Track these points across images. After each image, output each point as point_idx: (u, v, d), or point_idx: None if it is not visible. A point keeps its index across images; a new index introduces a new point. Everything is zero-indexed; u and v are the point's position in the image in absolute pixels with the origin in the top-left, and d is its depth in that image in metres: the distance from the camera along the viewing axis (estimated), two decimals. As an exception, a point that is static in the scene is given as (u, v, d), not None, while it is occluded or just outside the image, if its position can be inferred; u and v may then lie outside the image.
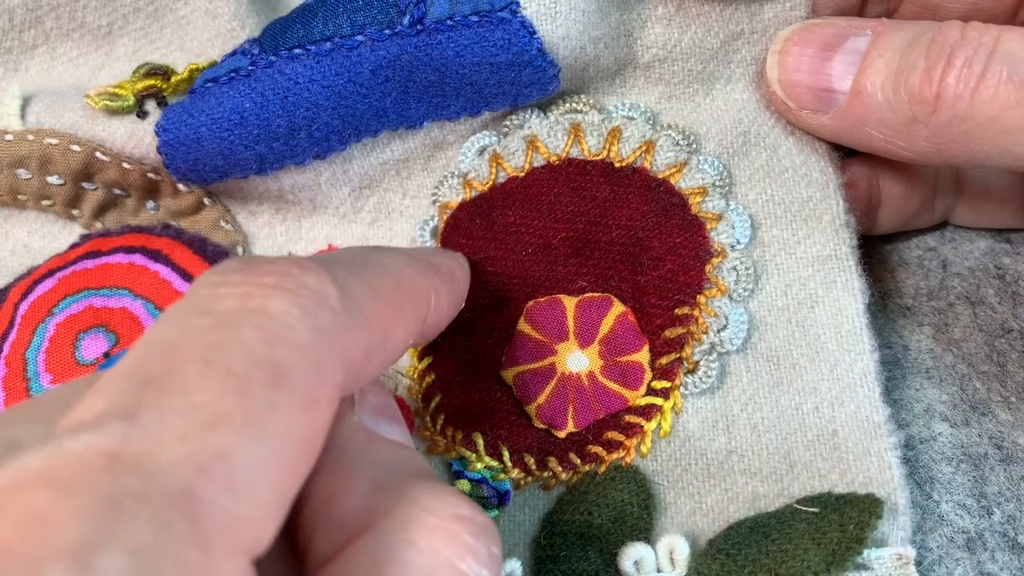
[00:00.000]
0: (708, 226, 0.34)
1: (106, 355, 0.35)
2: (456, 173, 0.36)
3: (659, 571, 0.31)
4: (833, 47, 0.33)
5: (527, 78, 0.33)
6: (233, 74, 0.35)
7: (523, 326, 0.35)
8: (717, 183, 0.35)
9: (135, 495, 0.17)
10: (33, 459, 0.18)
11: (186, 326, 0.21)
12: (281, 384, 0.20)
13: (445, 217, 0.36)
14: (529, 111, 0.36)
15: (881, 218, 0.38)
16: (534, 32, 0.33)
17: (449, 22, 0.33)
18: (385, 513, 0.22)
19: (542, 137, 0.35)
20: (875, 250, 0.38)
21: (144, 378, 0.19)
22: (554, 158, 0.35)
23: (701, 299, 0.34)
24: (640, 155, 0.35)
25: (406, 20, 0.33)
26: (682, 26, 0.35)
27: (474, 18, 0.33)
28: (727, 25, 0.35)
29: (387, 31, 0.33)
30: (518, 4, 0.33)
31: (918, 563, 0.31)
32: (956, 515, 0.32)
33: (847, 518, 0.30)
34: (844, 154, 0.36)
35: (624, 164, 0.35)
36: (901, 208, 0.38)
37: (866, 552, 0.30)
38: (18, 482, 0.17)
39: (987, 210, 0.38)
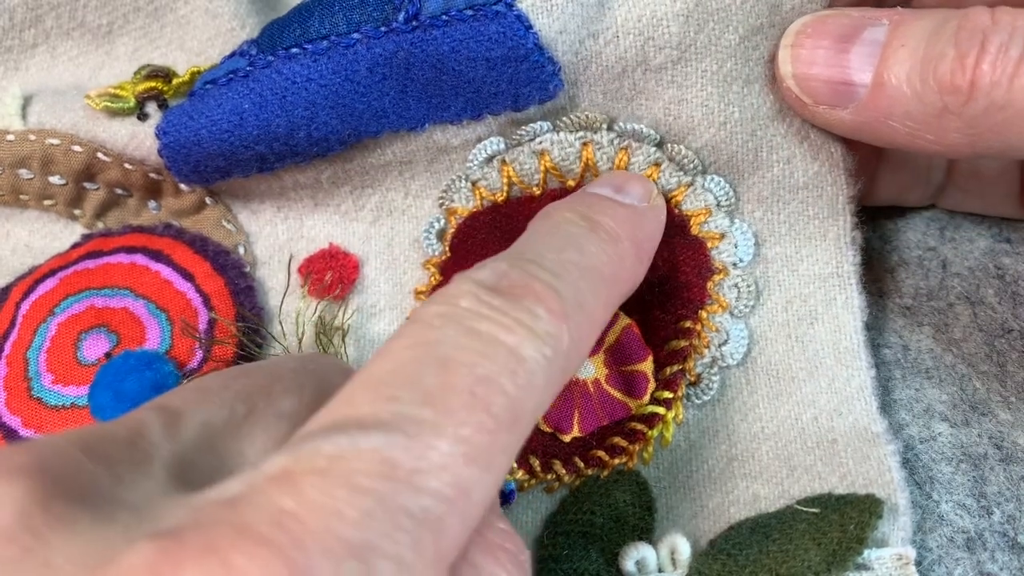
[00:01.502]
0: (710, 245, 0.34)
1: (107, 355, 0.35)
2: (465, 178, 0.36)
3: (660, 571, 0.31)
4: (850, 38, 0.31)
5: (525, 75, 0.33)
6: (231, 75, 0.35)
7: None
8: (722, 203, 0.34)
9: (407, 512, 0.19)
10: (328, 447, 0.19)
11: (457, 344, 0.22)
12: (516, 429, 0.22)
13: (454, 221, 0.36)
14: (539, 124, 0.34)
15: (878, 187, 0.38)
16: (530, 26, 0.32)
17: (444, 17, 0.33)
18: None
19: (553, 154, 0.34)
20: (875, 250, 0.38)
21: (423, 393, 0.21)
22: (571, 182, 0.34)
23: (703, 314, 0.34)
24: None
25: (401, 16, 0.33)
26: (699, 23, 0.33)
27: (469, 12, 0.33)
28: (747, 19, 0.33)
29: (383, 28, 0.33)
30: None
31: (918, 563, 0.31)
32: (956, 515, 0.32)
33: (847, 518, 0.30)
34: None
35: None
36: (897, 177, 0.38)
37: (866, 552, 0.30)
38: (316, 467, 0.19)
39: (976, 192, 0.38)
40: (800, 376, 0.34)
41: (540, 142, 0.34)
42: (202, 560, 0.17)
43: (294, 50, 0.34)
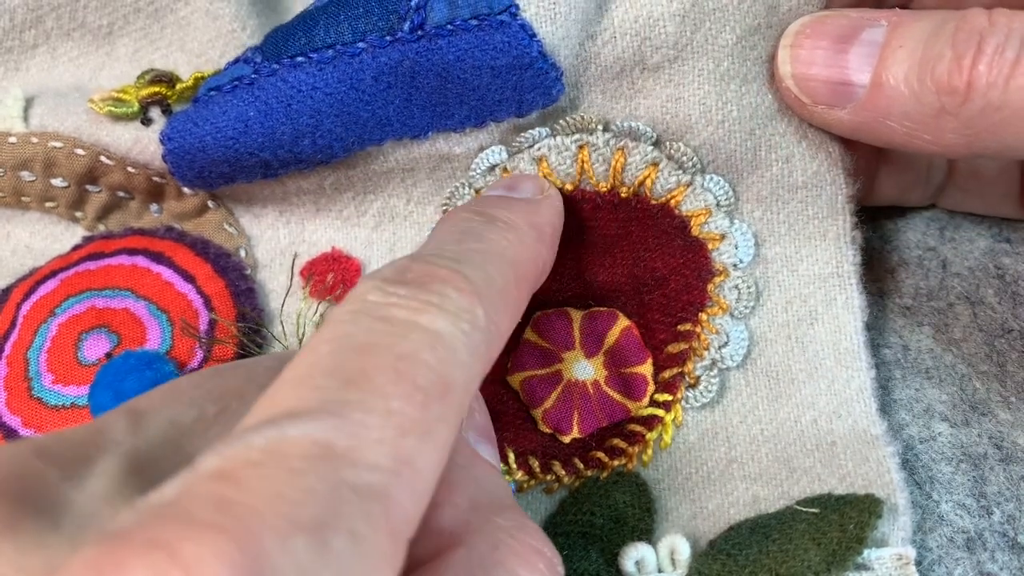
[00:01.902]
0: (710, 246, 0.34)
1: (108, 355, 0.35)
2: (468, 185, 0.36)
3: (660, 571, 0.31)
4: (848, 39, 0.32)
5: (529, 82, 0.33)
6: (236, 82, 0.35)
7: (530, 335, 0.35)
8: (721, 203, 0.34)
9: (350, 486, 0.19)
10: (259, 439, 0.19)
11: (369, 332, 0.23)
12: (448, 399, 0.22)
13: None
14: (538, 130, 0.35)
15: (878, 187, 0.38)
16: (534, 35, 0.32)
17: (449, 27, 0.33)
18: (478, 531, 0.24)
19: (551, 159, 0.34)
20: (875, 250, 0.38)
21: (344, 378, 0.21)
22: (569, 186, 0.34)
23: (703, 316, 0.34)
24: (642, 183, 0.34)
25: (406, 26, 0.33)
26: (696, 23, 0.33)
27: (474, 22, 0.33)
28: (744, 19, 0.33)
29: (388, 37, 0.33)
30: (517, 7, 0.32)
31: (918, 563, 0.31)
32: (956, 515, 0.32)
33: (847, 518, 0.30)
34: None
35: (628, 194, 0.34)
36: (897, 177, 0.38)
37: (866, 552, 0.30)
38: (251, 459, 0.19)
39: (976, 192, 0.38)
40: (800, 378, 0.34)
41: (539, 148, 0.34)
42: (147, 555, 0.17)
43: (299, 59, 0.34)
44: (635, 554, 0.31)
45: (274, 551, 0.17)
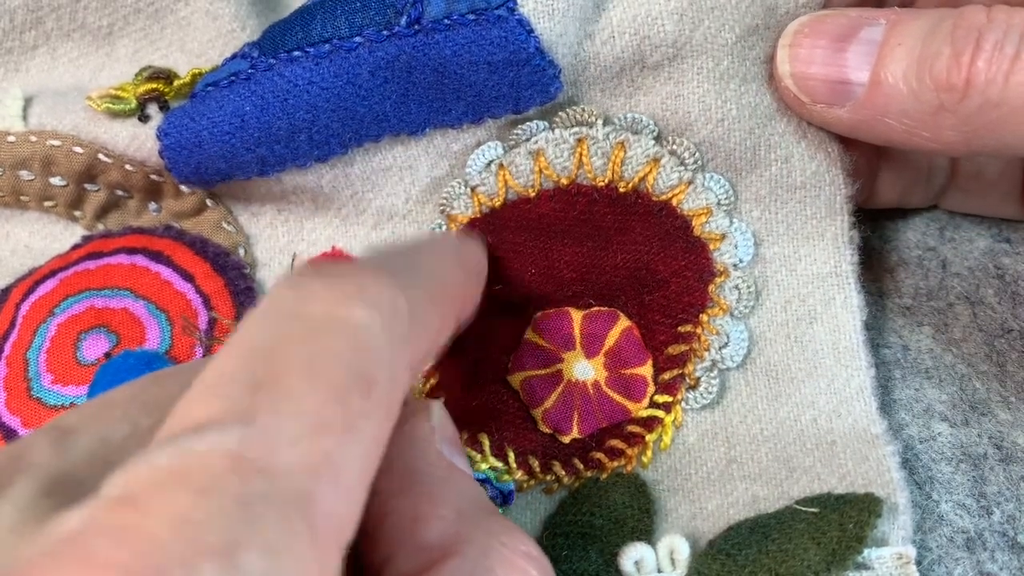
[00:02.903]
0: (711, 247, 0.34)
1: (107, 355, 0.35)
2: (464, 183, 0.35)
3: (659, 571, 0.31)
4: (847, 37, 0.31)
5: (526, 78, 0.33)
6: (233, 77, 0.35)
7: (531, 335, 0.35)
8: (722, 202, 0.34)
9: (261, 498, 0.18)
10: (163, 458, 0.18)
11: (280, 332, 0.21)
12: (371, 393, 0.21)
13: (454, 228, 0.36)
14: (535, 123, 0.35)
15: (880, 189, 0.38)
16: (531, 30, 0.32)
17: (446, 21, 0.33)
18: (467, 541, 0.24)
19: (548, 153, 0.34)
20: (875, 250, 0.38)
21: (253, 383, 0.20)
22: (564, 180, 0.34)
23: (703, 318, 0.34)
24: (643, 178, 0.34)
25: (403, 20, 0.33)
26: (695, 21, 0.33)
27: (471, 16, 0.33)
28: (743, 19, 0.33)
29: (385, 32, 0.33)
30: (515, 2, 0.32)
31: (918, 563, 0.31)
32: (956, 515, 0.32)
33: (847, 517, 0.30)
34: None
35: (628, 189, 0.34)
36: (899, 179, 0.38)
37: (866, 551, 0.30)
38: (156, 480, 0.18)
39: (977, 193, 0.38)
40: (799, 377, 0.34)
41: (536, 141, 0.34)
42: None
43: (296, 53, 0.34)
44: (634, 554, 0.31)
45: None
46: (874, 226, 0.39)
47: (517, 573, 0.23)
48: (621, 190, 0.34)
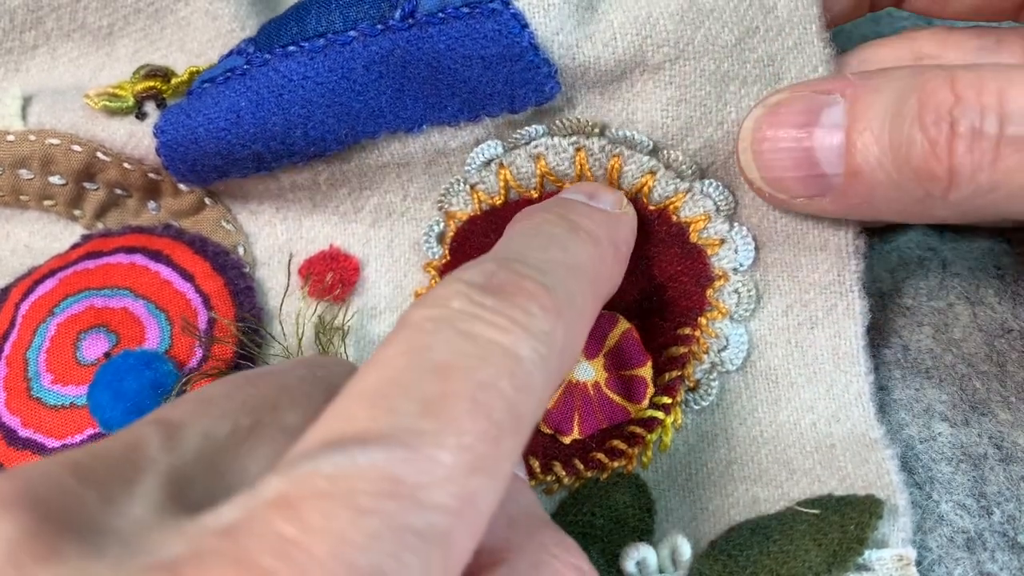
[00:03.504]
0: (709, 252, 0.34)
1: (107, 355, 0.35)
2: (463, 180, 0.35)
3: (661, 572, 0.31)
4: (808, 125, 0.30)
5: (520, 75, 0.33)
6: (229, 74, 0.35)
7: None
8: (721, 208, 0.34)
9: (414, 531, 0.18)
10: (328, 466, 0.19)
11: (453, 348, 0.22)
12: (519, 432, 0.22)
13: (453, 225, 0.36)
14: (534, 127, 0.34)
15: None
16: (526, 24, 0.32)
17: (440, 15, 0.33)
18: (518, 549, 0.24)
19: (549, 159, 0.34)
20: (875, 250, 0.38)
21: (423, 402, 0.20)
22: (567, 185, 0.34)
23: (702, 321, 0.34)
24: (639, 190, 0.34)
25: (398, 14, 0.33)
26: (695, 22, 0.33)
27: (465, 10, 0.33)
28: (742, 21, 0.33)
29: (379, 26, 0.33)
30: None
31: (918, 563, 0.31)
32: (956, 515, 0.32)
33: (848, 519, 0.30)
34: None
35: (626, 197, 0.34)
36: None
37: (867, 553, 0.30)
38: (318, 490, 0.18)
39: None
40: (799, 381, 0.34)
41: (536, 146, 0.34)
42: None
43: (291, 48, 0.34)
44: (636, 554, 0.31)
45: None
46: (874, 226, 0.39)
47: None
48: None
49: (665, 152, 0.34)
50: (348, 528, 0.18)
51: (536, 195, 0.35)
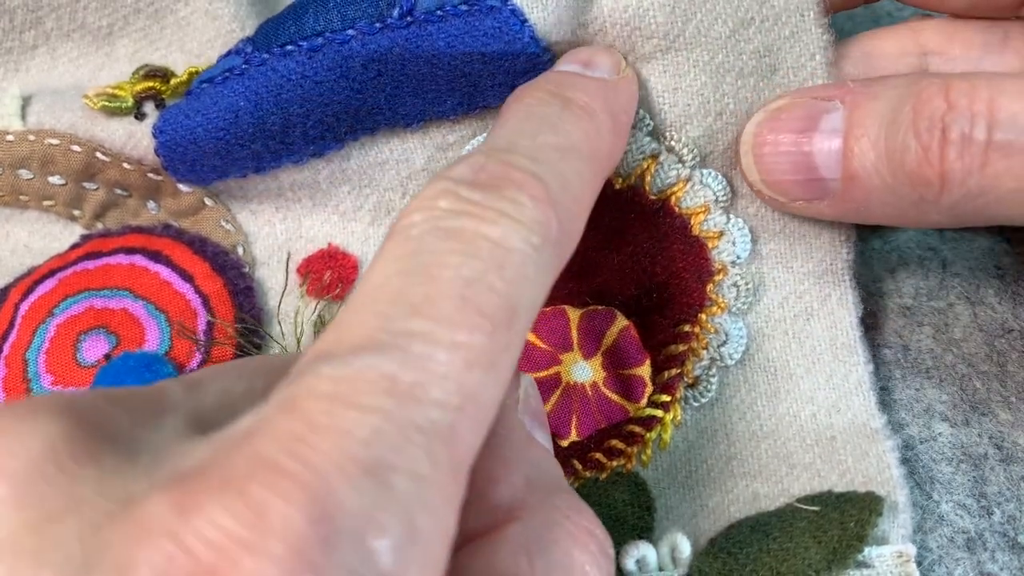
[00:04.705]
0: (709, 245, 0.34)
1: (106, 356, 0.35)
2: None
3: (661, 570, 0.31)
4: (807, 130, 0.31)
5: (521, 67, 0.33)
6: (227, 74, 0.35)
7: (528, 335, 0.35)
8: (720, 199, 0.34)
9: (415, 426, 0.19)
10: (327, 371, 0.20)
11: (437, 248, 0.22)
12: (514, 324, 0.22)
13: None
14: None
15: None
16: (525, 19, 0.32)
17: (439, 12, 0.33)
18: (532, 509, 0.24)
19: None
20: (875, 250, 0.38)
21: (410, 305, 0.21)
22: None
23: (702, 316, 0.34)
24: (640, 175, 0.34)
25: (396, 12, 0.33)
26: (686, 13, 0.33)
27: (464, 7, 0.33)
28: (735, 12, 0.33)
29: (377, 24, 0.33)
30: None
31: (918, 563, 0.31)
32: (956, 515, 0.32)
33: (848, 516, 0.30)
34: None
35: (623, 186, 0.34)
36: None
37: (867, 550, 0.30)
38: (321, 392, 0.19)
39: None
40: (798, 372, 0.34)
41: None
42: (222, 497, 0.17)
43: (289, 47, 0.34)
44: (636, 553, 0.31)
45: (341, 494, 0.18)
46: (874, 226, 0.39)
47: (577, 547, 0.24)
48: (617, 187, 0.34)
49: (668, 134, 0.34)
50: (352, 424, 0.19)
51: None
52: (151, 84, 0.37)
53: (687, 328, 0.34)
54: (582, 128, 0.28)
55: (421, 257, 0.22)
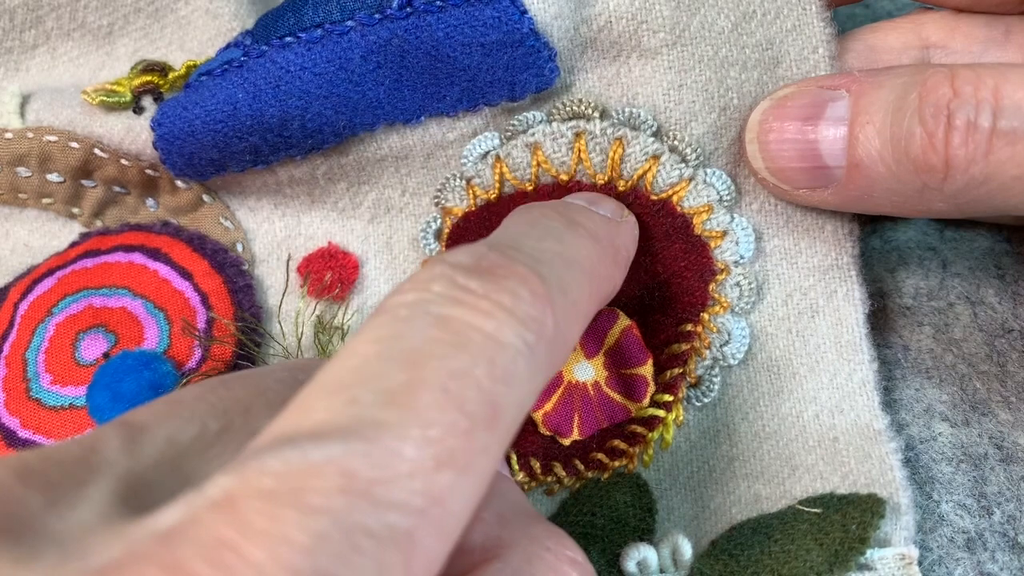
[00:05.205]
0: (712, 245, 0.34)
1: (106, 355, 0.35)
2: (459, 175, 0.35)
3: (662, 571, 0.31)
4: (813, 118, 0.31)
5: (520, 60, 0.33)
6: (226, 66, 0.34)
7: None
8: (724, 198, 0.34)
9: (367, 531, 0.17)
10: (276, 463, 0.18)
11: (425, 336, 0.20)
12: (495, 426, 0.20)
13: (449, 221, 0.36)
14: (532, 114, 0.34)
15: None
16: (525, 10, 0.32)
17: (439, 3, 0.33)
18: (510, 546, 0.23)
19: (545, 147, 0.34)
20: (875, 250, 0.38)
21: (386, 392, 0.19)
22: (564, 177, 0.34)
23: (704, 316, 0.34)
24: (642, 176, 0.34)
25: (395, 3, 0.33)
26: (692, 8, 0.33)
27: None
28: (738, 6, 0.33)
29: (377, 15, 0.33)
30: None
31: (918, 563, 0.31)
32: (956, 515, 0.32)
33: (849, 518, 0.30)
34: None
35: (626, 188, 0.34)
36: None
37: (869, 552, 0.30)
38: (263, 490, 0.17)
39: None
40: (801, 372, 0.34)
41: (532, 133, 0.34)
42: None
43: (288, 39, 0.34)
44: (637, 554, 0.31)
45: None
46: (874, 226, 0.39)
47: None
48: (620, 189, 0.34)
49: (670, 134, 0.34)
50: (291, 529, 0.17)
51: (531, 187, 0.34)
52: (149, 78, 0.36)
53: (689, 327, 0.34)
54: (585, 247, 0.27)
55: (406, 342, 0.20)
